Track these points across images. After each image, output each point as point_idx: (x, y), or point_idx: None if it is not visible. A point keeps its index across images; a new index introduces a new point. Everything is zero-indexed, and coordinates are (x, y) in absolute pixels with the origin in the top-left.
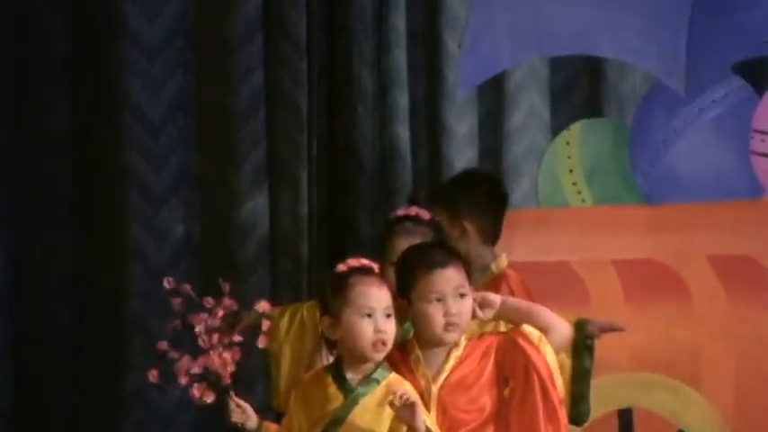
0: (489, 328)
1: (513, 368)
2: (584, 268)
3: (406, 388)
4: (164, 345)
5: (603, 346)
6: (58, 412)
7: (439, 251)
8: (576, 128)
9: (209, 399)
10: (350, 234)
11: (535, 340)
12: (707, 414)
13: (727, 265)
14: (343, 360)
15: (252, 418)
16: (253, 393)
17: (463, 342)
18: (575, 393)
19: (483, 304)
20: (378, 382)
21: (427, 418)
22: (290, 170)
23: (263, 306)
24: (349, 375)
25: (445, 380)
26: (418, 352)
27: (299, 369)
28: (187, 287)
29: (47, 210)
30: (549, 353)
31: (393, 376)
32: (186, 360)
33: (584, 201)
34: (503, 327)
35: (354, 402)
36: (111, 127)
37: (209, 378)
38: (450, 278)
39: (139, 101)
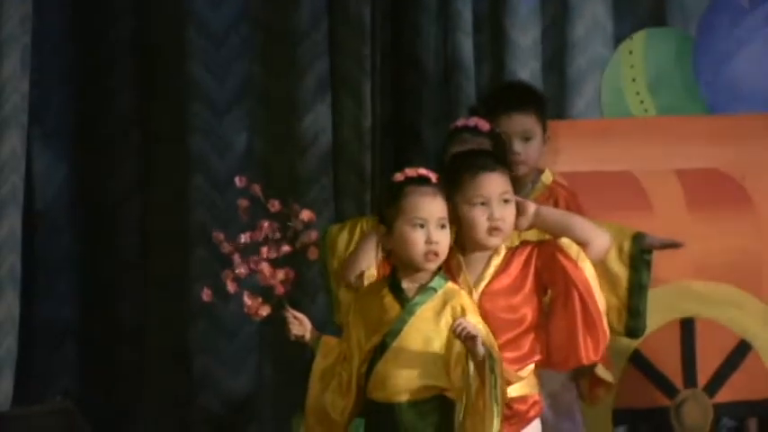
0: (530, 237)
1: (552, 278)
2: (646, 178)
3: (465, 301)
4: (219, 236)
5: (666, 256)
6: (123, 324)
7: (486, 156)
8: (640, 37)
9: (264, 312)
10: (413, 145)
11: (573, 255)
12: None
13: None
14: (398, 270)
15: (309, 331)
16: (315, 307)
17: (503, 250)
18: (630, 307)
19: (518, 212)
20: (435, 290)
21: (488, 336)
22: (353, 81)
23: (306, 215)
24: (405, 285)
25: (486, 286)
26: (460, 257)
27: None
28: (256, 188)
29: (108, 125)
30: (587, 267)
31: (449, 285)
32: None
33: (646, 110)
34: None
35: (411, 312)
36: (174, 39)
37: (262, 292)
38: (496, 183)
39: (202, 13)
